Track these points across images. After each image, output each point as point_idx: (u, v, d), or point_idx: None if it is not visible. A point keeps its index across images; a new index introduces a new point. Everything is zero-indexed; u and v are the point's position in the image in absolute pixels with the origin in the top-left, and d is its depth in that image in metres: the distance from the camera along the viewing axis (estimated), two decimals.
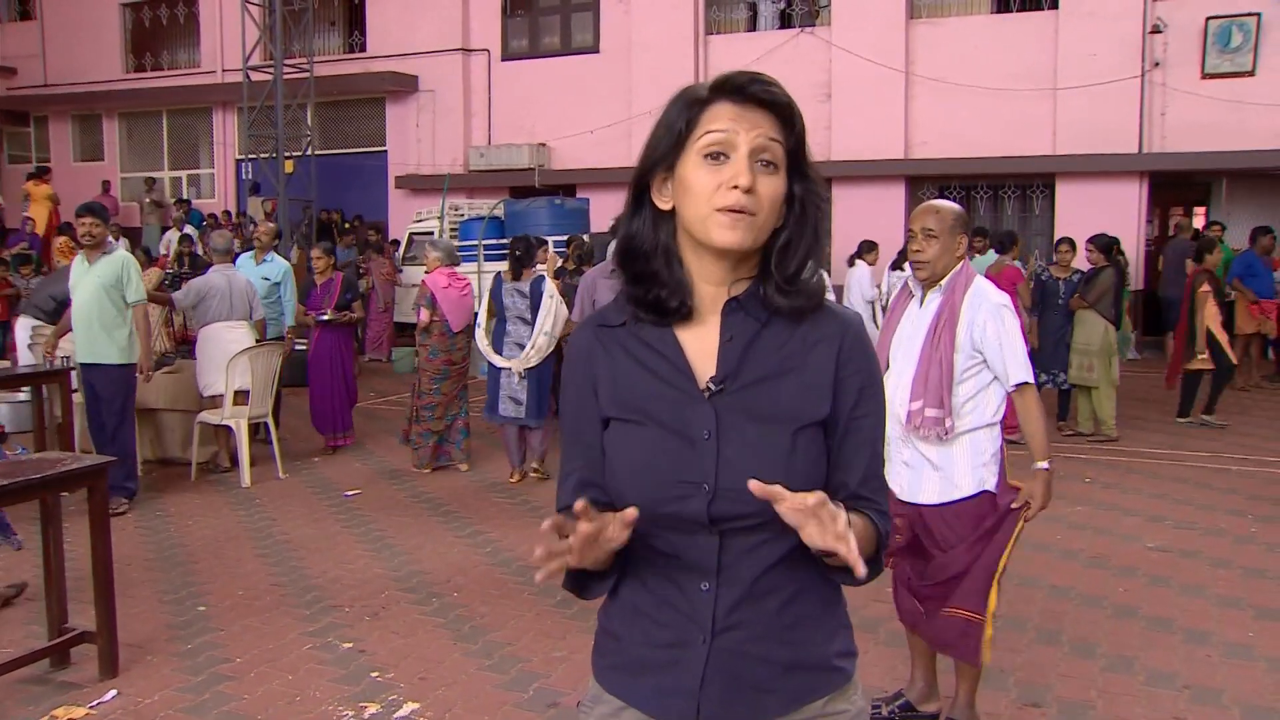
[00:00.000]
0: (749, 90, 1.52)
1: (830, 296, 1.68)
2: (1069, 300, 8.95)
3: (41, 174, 19.69)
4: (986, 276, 9.19)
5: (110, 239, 6.90)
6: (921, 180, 16.51)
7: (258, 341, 7.81)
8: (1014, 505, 3.39)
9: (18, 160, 23.73)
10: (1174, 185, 16.22)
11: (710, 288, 1.59)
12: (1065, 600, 5.16)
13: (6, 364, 8.75)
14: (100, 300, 6.57)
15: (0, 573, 5.51)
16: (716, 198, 1.49)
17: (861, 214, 15.84)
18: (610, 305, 1.67)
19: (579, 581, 1.61)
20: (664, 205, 1.58)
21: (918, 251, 3.41)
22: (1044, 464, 3.42)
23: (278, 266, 8.91)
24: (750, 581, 1.55)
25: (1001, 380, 3.37)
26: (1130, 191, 15.12)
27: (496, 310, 7.42)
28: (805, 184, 1.57)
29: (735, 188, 1.48)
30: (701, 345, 1.58)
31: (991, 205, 16.63)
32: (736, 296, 1.58)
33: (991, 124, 15.45)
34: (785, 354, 1.57)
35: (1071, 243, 9.45)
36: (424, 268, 8.09)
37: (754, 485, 1.38)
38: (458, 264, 8.09)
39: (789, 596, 1.57)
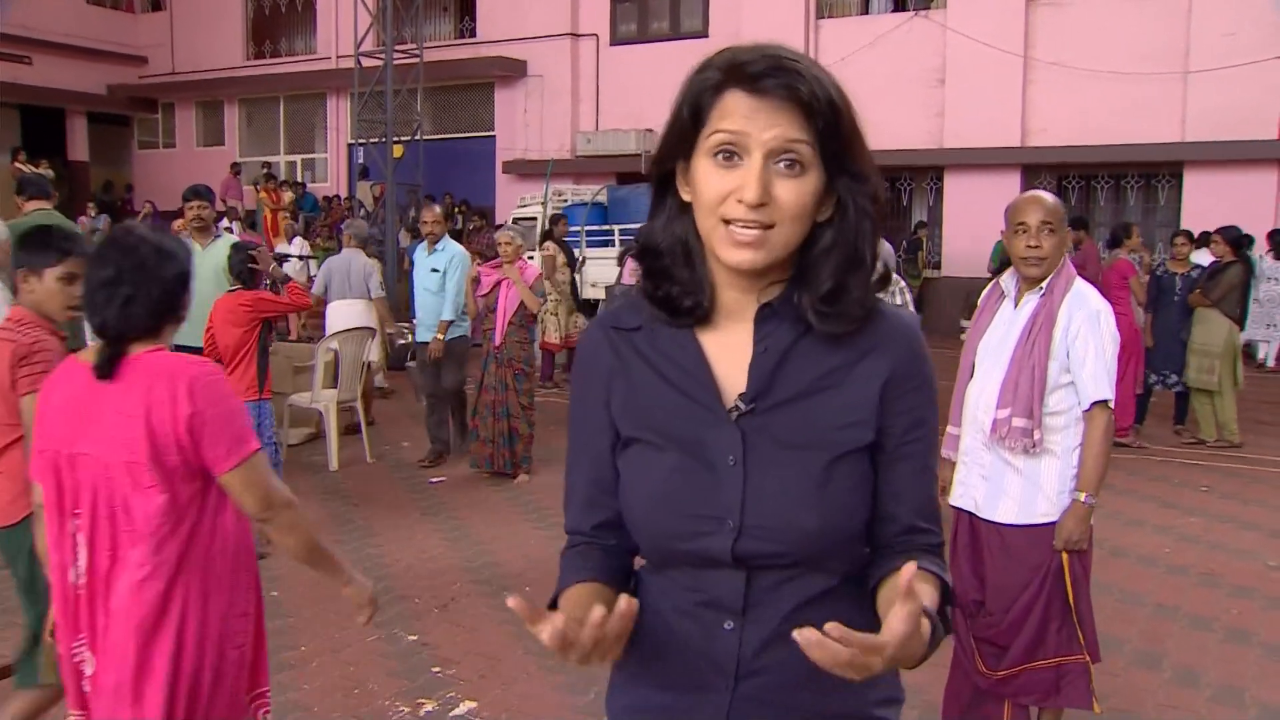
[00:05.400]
0: (763, 84, 1.28)
1: (900, 300, 1.47)
2: (1187, 296, 8.42)
3: (270, 179, 18.90)
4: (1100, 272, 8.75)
5: (229, 224, 7.01)
6: (1038, 169, 15.87)
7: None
8: (1056, 546, 3.09)
9: (146, 145, 24.71)
10: None
11: (735, 293, 1.39)
12: (1170, 621, 4.80)
13: None
14: (216, 283, 6.55)
15: None
16: (723, 208, 1.29)
17: (974, 204, 15.30)
18: (625, 304, 1.48)
19: None
20: (686, 196, 1.38)
21: (1035, 247, 3.07)
22: (1086, 496, 3.06)
23: (446, 255, 7.68)
24: (779, 621, 1.36)
25: (1079, 391, 3.06)
26: (1267, 181, 14.25)
27: None
28: (849, 182, 1.33)
29: (741, 201, 1.27)
30: (730, 356, 1.38)
31: (1113, 196, 15.89)
32: (770, 302, 1.37)
33: (1115, 110, 14.72)
34: (826, 367, 1.36)
35: (1189, 235, 8.91)
36: (504, 253, 7.40)
37: (799, 636, 1.11)
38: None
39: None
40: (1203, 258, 9.47)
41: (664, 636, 1.43)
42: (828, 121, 1.30)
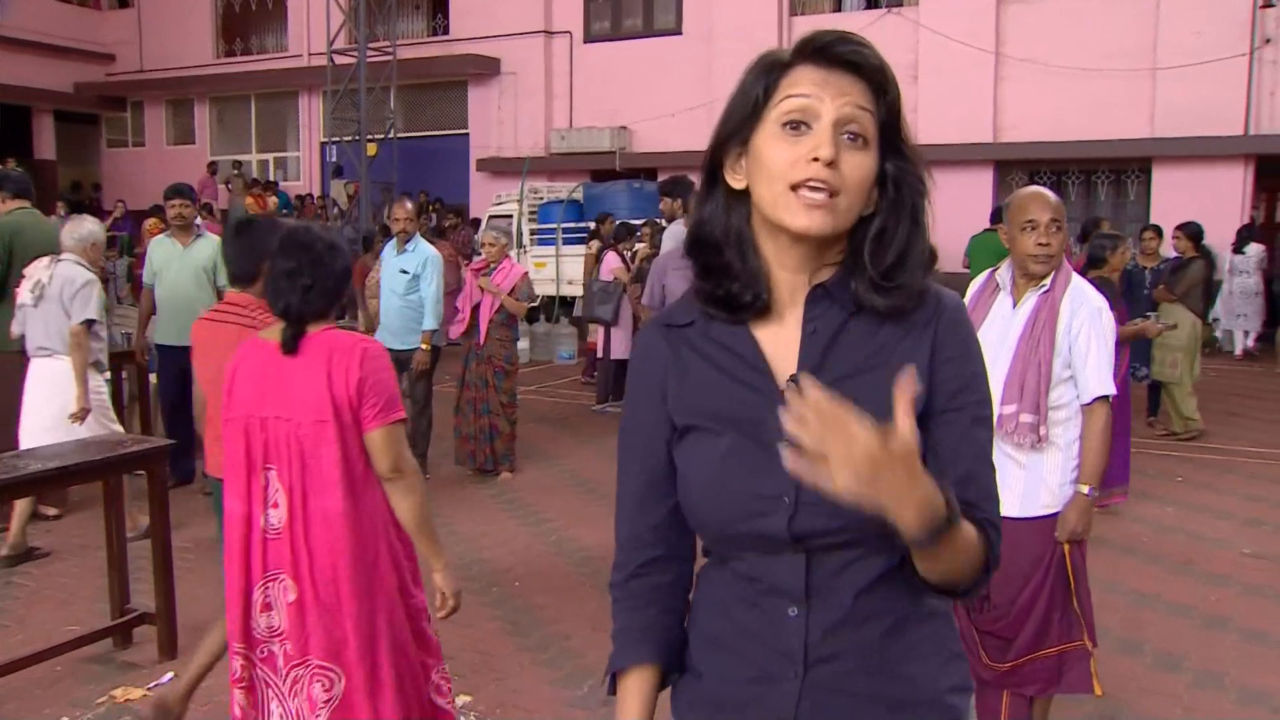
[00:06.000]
0: (835, 51, 1.34)
1: None
2: (1154, 290, 8.57)
3: (255, 184, 19.01)
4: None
5: (198, 221, 6.92)
6: (1010, 165, 16.04)
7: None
8: (1058, 538, 3.16)
9: (115, 144, 24.47)
10: None
11: (788, 275, 1.40)
12: (1149, 609, 4.90)
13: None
14: (199, 282, 6.51)
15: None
16: (793, 172, 1.31)
17: (947, 200, 15.24)
18: (678, 303, 1.51)
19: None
20: (737, 184, 1.40)
21: (1044, 245, 3.08)
22: (1088, 488, 3.13)
23: (418, 256, 7.03)
24: (846, 605, 1.36)
25: (1079, 387, 3.11)
26: (1234, 176, 14.48)
27: None
28: (900, 163, 1.37)
29: (815, 160, 1.30)
30: (780, 339, 1.40)
31: (1084, 191, 16.08)
32: (823, 283, 1.39)
33: (1085, 106, 14.90)
34: (876, 345, 1.38)
35: (1158, 230, 9.10)
36: (488, 253, 7.26)
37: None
38: None
39: (893, 623, 1.38)
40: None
41: (730, 629, 1.43)
42: (890, 96, 1.36)
